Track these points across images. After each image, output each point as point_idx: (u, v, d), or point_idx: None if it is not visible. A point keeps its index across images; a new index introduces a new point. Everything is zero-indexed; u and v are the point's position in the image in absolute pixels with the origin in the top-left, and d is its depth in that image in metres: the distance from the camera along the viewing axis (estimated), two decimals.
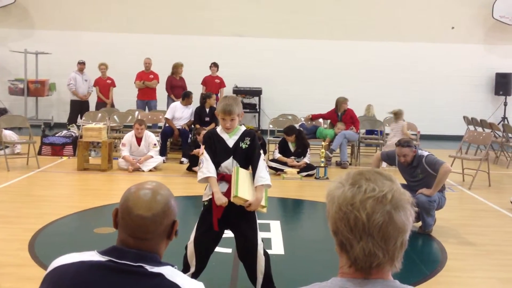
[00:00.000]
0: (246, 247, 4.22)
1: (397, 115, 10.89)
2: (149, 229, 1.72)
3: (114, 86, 13.44)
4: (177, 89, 12.55)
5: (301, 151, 9.88)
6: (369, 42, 15.41)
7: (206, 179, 4.07)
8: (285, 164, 9.71)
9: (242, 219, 4.15)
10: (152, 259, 1.69)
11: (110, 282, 1.63)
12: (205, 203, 4.20)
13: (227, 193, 4.05)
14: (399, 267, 1.43)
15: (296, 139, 9.91)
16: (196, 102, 11.62)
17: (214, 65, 13.41)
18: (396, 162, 6.49)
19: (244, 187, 3.99)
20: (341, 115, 11.18)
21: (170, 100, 12.51)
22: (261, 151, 4.22)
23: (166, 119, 11.13)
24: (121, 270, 1.65)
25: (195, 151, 8.79)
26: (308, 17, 15.37)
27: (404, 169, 6.42)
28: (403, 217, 1.40)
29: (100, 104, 13.19)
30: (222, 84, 13.43)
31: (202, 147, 4.17)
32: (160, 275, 1.66)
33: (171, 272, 1.69)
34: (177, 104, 11.29)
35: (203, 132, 7.09)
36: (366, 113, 13.47)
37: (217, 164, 4.09)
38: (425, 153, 6.26)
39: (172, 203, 1.79)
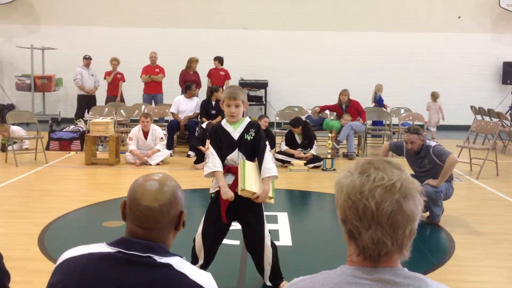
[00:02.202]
0: (254, 239, 4.24)
1: (436, 95, 12.58)
2: (157, 219, 1.73)
3: (124, 80, 13.46)
4: (193, 84, 12.52)
5: (308, 143, 9.88)
6: (375, 32, 15.35)
7: (212, 174, 4.08)
8: (292, 156, 9.72)
9: (249, 211, 4.17)
10: (160, 249, 1.71)
11: (120, 272, 1.64)
12: (212, 195, 4.22)
13: (234, 185, 4.07)
14: (407, 256, 1.43)
15: (302, 131, 9.91)
16: (203, 95, 11.63)
17: (216, 59, 13.30)
18: (404, 152, 6.48)
19: (251, 180, 4.00)
20: (345, 107, 11.14)
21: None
22: (267, 142, 4.23)
23: (172, 113, 11.17)
24: (130, 261, 1.66)
25: (203, 149, 8.82)
26: (313, 9, 15.32)
27: (412, 159, 6.42)
28: (412, 205, 1.40)
29: (110, 98, 13.23)
30: (227, 76, 13.41)
31: (208, 141, 4.19)
32: (168, 266, 1.67)
33: (179, 263, 1.70)
34: (180, 98, 11.34)
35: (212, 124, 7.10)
36: (376, 90, 13.41)
37: (223, 157, 4.11)
38: (433, 144, 6.24)
39: (179, 194, 1.80)
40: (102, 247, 1.71)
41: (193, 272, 1.70)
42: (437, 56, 15.50)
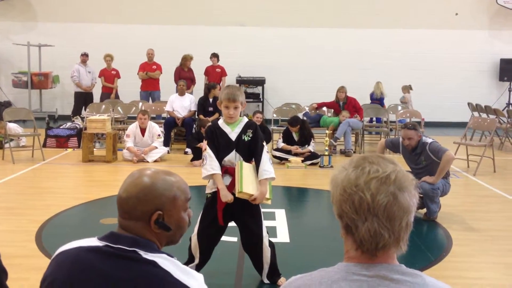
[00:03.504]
0: (251, 240, 4.22)
1: (410, 87, 13.52)
2: (123, 209, 1.75)
3: (119, 77, 13.47)
4: (185, 80, 12.55)
5: (305, 140, 9.88)
6: (373, 29, 15.34)
7: (211, 176, 4.06)
8: (289, 152, 9.72)
9: (246, 212, 4.14)
10: (146, 245, 1.70)
11: (105, 266, 1.66)
12: (208, 195, 4.20)
13: (231, 186, 4.05)
14: (404, 249, 1.43)
15: (299, 130, 9.91)
16: (197, 92, 11.67)
17: (214, 56, 13.43)
18: (400, 149, 6.49)
19: (248, 182, 3.99)
20: (343, 104, 11.14)
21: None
22: (264, 143, 4.21)
23: (168, 111, 11.21)
24: (116, 255, 1.67)
25: (200, 145, 8.82)
26: (310, 6, 15.31)
27: (408, 156, 6.42)
28: (407, 197, 1.41)
29: (105, 95, 13.22)
30: (223, 73, 13.45)
31: (205, 142, 4.16)
32: (153, 262, 1.66)
33: (165, 261, 1.67)
34: (174, 96, 11.40)
35: (208, 124, 7.09)
36: (375, 91, 13.49)
37: (220, 159, 4.08)
38: (429, 140, 6.24)
39: (155, 192, 1.72)
40: (92, 241, 1.74)
41: (179, 271, 1.66)
42: (435, 53, 15.51)
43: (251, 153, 4.15)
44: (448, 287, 1.46)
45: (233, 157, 4.10)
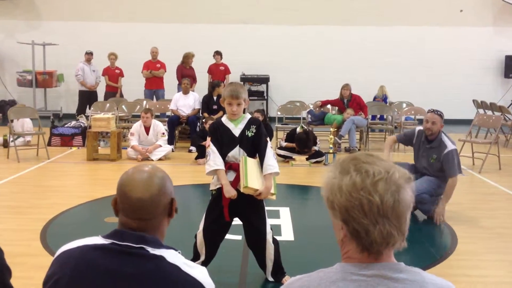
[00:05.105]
0: (255, 236, 4.22)
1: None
2: (149, 210, 1.75)
3: (123, 76, 13.49)
4: (187, 78, 12.57)
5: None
6: (377, 26, 15.29)
7: (214, 172, 4.07)
8: (293, 150, 9.68)
9: (250, 208, 4.14)
10: (153, 241, 1.72)
11: (112, 263, 1.66)
12: (213, 192, 4.20)
13: (235, 182, 4.05)
14: (405, 244, 1.44)
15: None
16: (199, 90, 11.70)
17: (217, 54, 13.43)
18: (414, 140, 6.32)
19: (253, 177, 3.99)
20: (347, 101, 11.11)
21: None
22: (268, 139, 4.21)
23: (172, 110, 11.23)
24: (123, 252, 1.68)
25: (204, 143, 8.78)
26: (314, 3, 15.27)
27: (421, 147, 6.18)
28: (409, 191, 1.42)
29: (109, 94, 13.24)
30: (227, 71, 13.44)
31: (209, 139, 4.16)
32: (160, 257, 1.68)
33: (172, 255, 1.71)
34: (178, 94, 11.45)
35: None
36: (378, 93, 13.50)
37: (224, 154, 4.08)
38: (450, 147, 6.02)
39: (168, 183, 1.82)
40: (96, 240, 1.75)
41: (186, 265, 1.71)
42: (439, 50, 15.45)
43: (255, 149, 4.15)
44: (447, 283, 1.45)
45: (237, 152, 4.11)
